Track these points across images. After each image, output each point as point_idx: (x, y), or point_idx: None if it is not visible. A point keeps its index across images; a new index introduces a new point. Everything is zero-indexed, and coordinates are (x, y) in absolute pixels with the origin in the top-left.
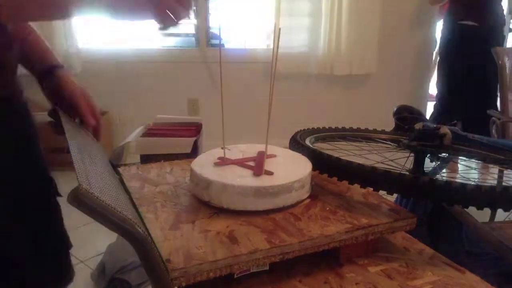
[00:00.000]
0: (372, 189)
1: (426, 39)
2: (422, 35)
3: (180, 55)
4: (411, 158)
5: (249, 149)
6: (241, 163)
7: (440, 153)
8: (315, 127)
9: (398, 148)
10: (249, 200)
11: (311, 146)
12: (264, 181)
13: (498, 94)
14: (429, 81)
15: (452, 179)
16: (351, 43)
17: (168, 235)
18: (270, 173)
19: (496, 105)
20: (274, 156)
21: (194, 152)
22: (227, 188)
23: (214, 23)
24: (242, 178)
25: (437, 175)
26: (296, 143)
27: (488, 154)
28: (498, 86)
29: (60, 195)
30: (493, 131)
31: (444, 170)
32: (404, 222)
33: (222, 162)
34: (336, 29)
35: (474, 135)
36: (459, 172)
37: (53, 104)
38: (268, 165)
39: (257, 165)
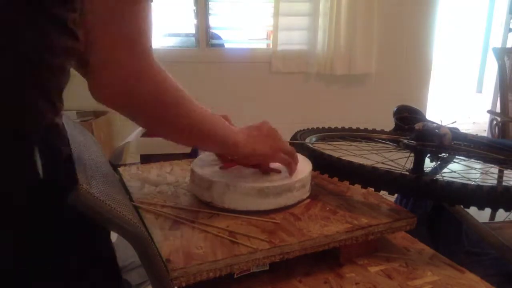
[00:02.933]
0: (372, 189)
1: (426, 39)
2: (422, 35)
3: (180, 55)
4: (411, 158)
5: None
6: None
7: (440, 153)
8: (315, 127)
9: (398, 148)
10: (252, 200)
11: (311, 146)
12: (266, 181)
13: (499, 94)
14: (429, 81)
15: (453, 179)
16: (350, 43)
17: (168, 235)
18: (277, 171)
19: None
20: None
21: (194, 152)
22: (229, 189)
23: (215, 23)
24: (244, 178)
25: (438, 175)
26: (296, 143)
27: (488, 154)
28: (499, 86)
29: None
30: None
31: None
32: (404, 222)
33: (226, 165)
34: (335, 28)
35: (474, 134)
36: (459, 172)
37: None
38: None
39: (261, 164)
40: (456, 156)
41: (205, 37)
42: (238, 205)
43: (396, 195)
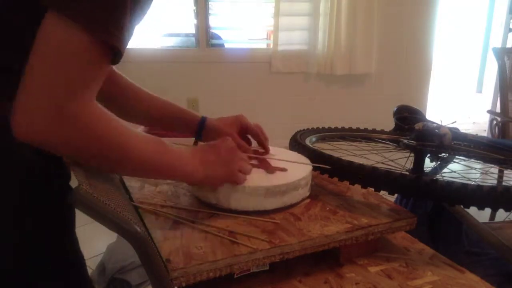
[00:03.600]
0: (372, 189)
1: (426, 39)
2: (422, 35)
3: (180, 55)
4: (411, 158)
5: None
6: None
7: (440, 153)
8: (315, 127)
9: (398, 148)
10: (258, 200)
11: (311, 146)
12: (272, 180)
13: (499, 94)
14: (429, 80)
15: (453, 179)
16: (350, 43)
17: (168, 235)
18: (283, 170)
19: None
20: (269, 153)
21: None
22: (236, 190)
23: (215, 23)
24: (250, 178)
25: (438, 175)
26: (296, 143)
27: (488, 154)
28: (499, 86)
29: None
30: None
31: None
32: (404, 222)
33: None
34: (335, 28)
35: (474, 134)
36: (459, 172)
37: None
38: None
39: (264, 164)
40: (456, 156)
41: (205, 37)
42: (244, 206)
43: (396, 195)
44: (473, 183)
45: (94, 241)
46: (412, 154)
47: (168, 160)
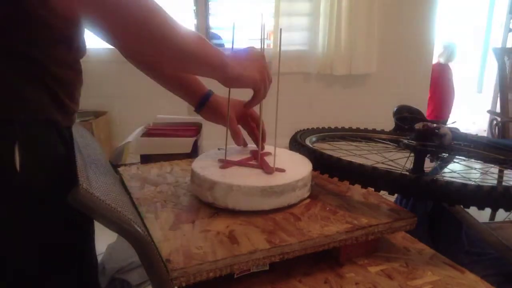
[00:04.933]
0: (372, 189)
1: (426, 39)
2: (422, 35)
3: None
4: (411, 158)
5: (245, 149)
6: (243, 163)
7: (440, 153)
8: (315, 127)
9: (398, 148)
10: (255, 200)
11: (311, 146)
12: (269, 181)
13: (499, 94)
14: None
15: (453, 179)
16: (350, 43)
17: (168, 235)
18: (282, 170)
19: None
20: (270, 153)
21: (194, 152)
22: (233, 189)
23: (215, 23)
24: (247, 178)
25: (438, 175)
26: (296, 143)
27: (488, 154)
28: (499, 86)
29: None
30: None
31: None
32: (404, 222)
33: (226, 164)
34: (335, 29)
35: (474, 134)
36: (459, 172)
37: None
38: (269, 164)
39: (264, 164)
40: (456, 156)
41: (205, 37)
42: (241, 205)
43: (396, 195)
44: (473, 183)
45: (94, 241)
46: (412, 154)
47: (207, 47)
